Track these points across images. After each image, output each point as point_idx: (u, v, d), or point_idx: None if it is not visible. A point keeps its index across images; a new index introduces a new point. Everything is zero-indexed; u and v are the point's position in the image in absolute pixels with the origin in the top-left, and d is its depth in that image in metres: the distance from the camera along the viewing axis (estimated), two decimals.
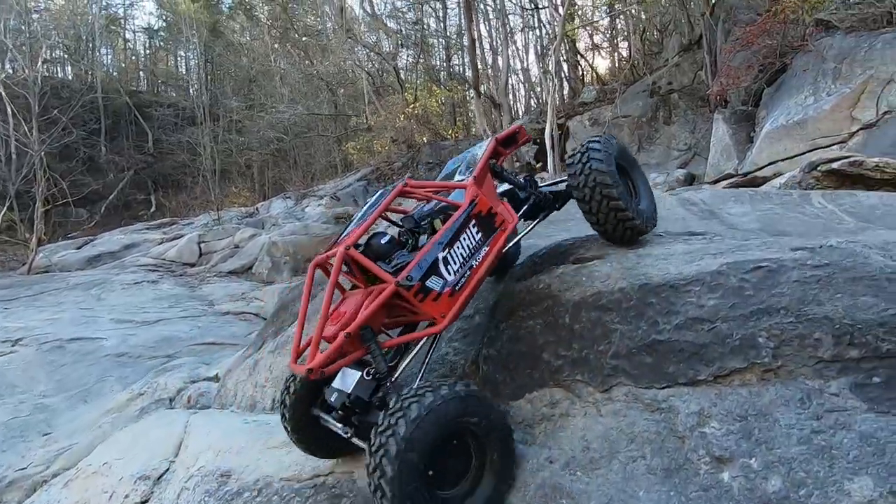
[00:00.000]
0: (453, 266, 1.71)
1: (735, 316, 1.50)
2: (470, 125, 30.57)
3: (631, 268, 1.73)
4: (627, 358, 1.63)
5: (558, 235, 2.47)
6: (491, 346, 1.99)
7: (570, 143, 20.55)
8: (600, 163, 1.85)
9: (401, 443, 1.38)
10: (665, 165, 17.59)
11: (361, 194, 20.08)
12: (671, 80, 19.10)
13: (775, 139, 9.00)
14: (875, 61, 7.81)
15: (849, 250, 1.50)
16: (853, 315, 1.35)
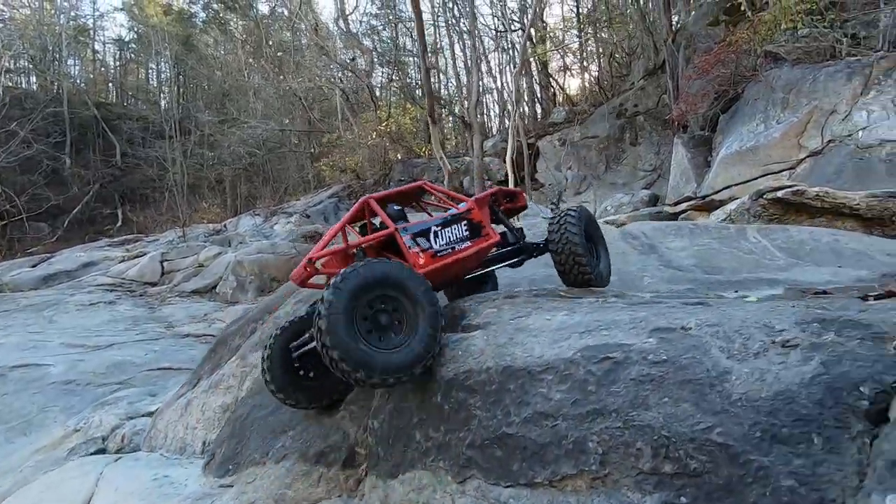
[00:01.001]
0: (440, 240, 2.19)
1: (574, 415, 1.40)
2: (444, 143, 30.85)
3: (503, 345, 1.64)
4: (481, 449, 1.54)
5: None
6: (376, 418, 1.92)
7: (539, 162, 20.92)
8: (573, 230, 2.29)
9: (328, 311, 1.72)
10: (631, 186, 18.04)
11: (332, 212, 19.95)
12: (637, 102, 19.69)
13: (730, 164, 9.33)
14: (819, 92, 8.21)
15: (693, 342, 1.37)
16: (671, 426, 1.26)
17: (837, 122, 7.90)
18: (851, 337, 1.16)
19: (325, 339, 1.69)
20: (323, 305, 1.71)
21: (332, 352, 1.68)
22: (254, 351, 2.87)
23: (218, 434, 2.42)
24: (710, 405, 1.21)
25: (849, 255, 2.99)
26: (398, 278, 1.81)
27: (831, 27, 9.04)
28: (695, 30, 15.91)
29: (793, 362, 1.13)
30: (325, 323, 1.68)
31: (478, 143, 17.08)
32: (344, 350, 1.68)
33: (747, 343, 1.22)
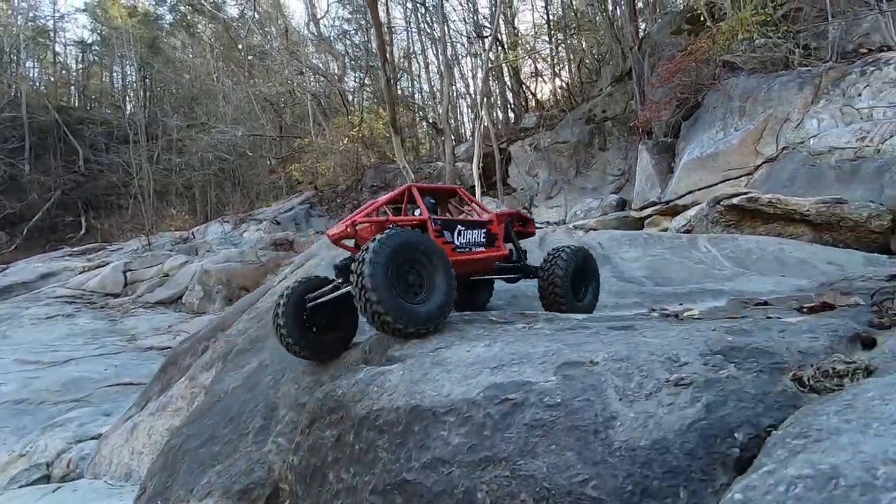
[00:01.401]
0: (461, 238, 2.49)
1: (468, 461, 1.32)
2: (419, 148, 30.91)
3: (416, 381, 1.58)
4: (383, 495, 1.46)
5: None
6: (296, 454, 1.85)
7: (511, 167, 21.10)
8: (561, 266, 2.52)
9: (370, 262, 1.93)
10: (600, 190, 18.34)
11: (304, 218, 19.72)
12: (605, 108, 20.05)
13: (692, 170, 9.58)
14: (773, 101, 8.51)
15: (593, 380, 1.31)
16: (552, 477, 1.18)
17: (791, 129, 8.19)
18: (750, 370, 1.18)
19: (367, 288, 1.86)
20: (367, 259, 1.89)
21: (372, 299, 1.86)
22: (205, 370, 2.80)
23: (150, 465, 2.34)
24: (592, 454, 1.15)
25: (792, 264, 3.09)
26: (427, 245, 2.09)
27: (785, 38, 9.40)
28: (659, 38, 16.32)
29: (680, 404, 1.12)
30: (368, 274, 1.87)
31: (449, 149, 17.14)
32: (383, 299, 1.87)
33: (644, 382, 1.21)
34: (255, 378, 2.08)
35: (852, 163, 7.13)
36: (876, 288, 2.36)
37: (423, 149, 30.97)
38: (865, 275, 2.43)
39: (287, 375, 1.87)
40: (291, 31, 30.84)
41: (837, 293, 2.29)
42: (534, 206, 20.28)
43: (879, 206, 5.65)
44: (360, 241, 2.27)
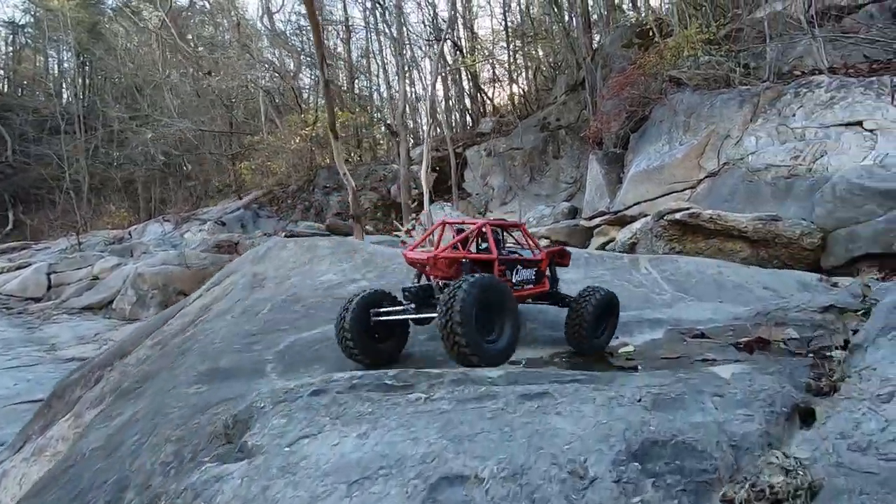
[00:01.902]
0: (518, 276, 2.61)
1: None
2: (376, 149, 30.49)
3: (252, 499, 1.22)
4: None
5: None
6: None
7: (467, 171, 21.08)
8: (591, 305, 2.50)
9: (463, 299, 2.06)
10: (554, 197, 18.57)
11: (251, 219, 18.95)
12: (559, 116, 20.34)
13: (639, 182, 9.77)
14: (715, 117, 8.79)
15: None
16: None
17: (731, 146, 8.47)
18: (671, 488, 1.01)
19: (455, 322, 2.01)
20: (459, 298, 2.04)
21: (458, 332, 2.01)
22: (92, 407, 2.45)
23: None
24: None
25: (730, 289, 3.07)
26: (506, 293, 2.26)
27: (727, 57, 9.74)
28: (611, 50, 16.69)
29: None
30: (458, 310, 2.02)
31: (405, 151, 16.91)
32: (468, 335, 2.02)
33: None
34: (119, 437, 1.77)
35: (787, 180, 7.42)
36: (809, 320, 2.33)
37: (381, 149, 30.59)
38: (800, 304, 2.41)
39: (151, 439, 1.59)
40: (244, 24, 29.72)
41: (772, 325, 2.24)
42: (488, 212, 20.33)
43: (811, 224, 5.86)
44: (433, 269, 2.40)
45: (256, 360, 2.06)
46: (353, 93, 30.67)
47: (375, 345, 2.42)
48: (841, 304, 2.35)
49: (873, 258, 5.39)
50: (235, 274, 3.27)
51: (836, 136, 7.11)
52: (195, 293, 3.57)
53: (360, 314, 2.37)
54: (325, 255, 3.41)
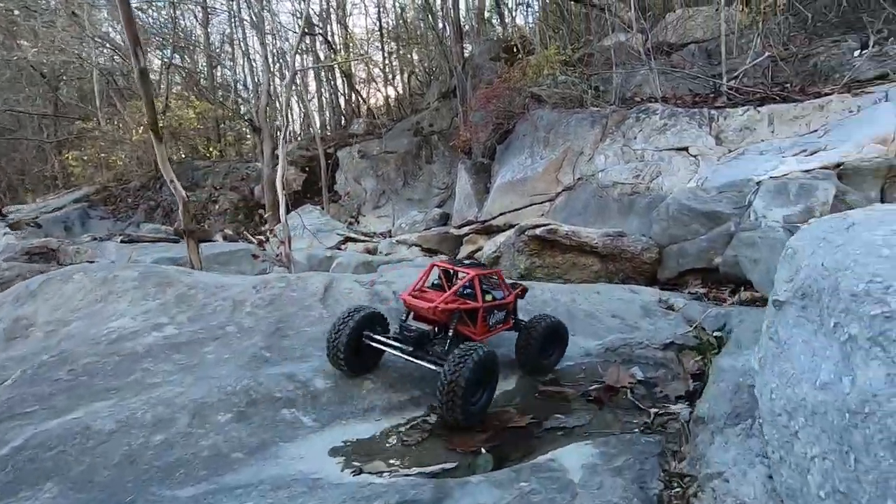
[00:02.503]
0: (492, 319, 2.82)
1: None
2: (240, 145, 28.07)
3: None
4: None
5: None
6: None
7: (338, 173, 20.29)
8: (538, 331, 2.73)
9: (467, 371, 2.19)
10: (426, 202, 18.65)
11: (78, 220, 16.13)
12: (432, 122, 20.50)
13: (504, 193, 10.06)
14: (571, 135, 9.36)
15: None
16: None
17: (584, 162, 9.06)
18: None
19: (458, 386, 2.08)
20: (465, 370, 2.14)
21: (457, 393, 2.06)
22: None
23: None
24: None
25: (581, 319, 3.06)
26: (496, 365, 2.34)
27: (580, 79, 10.46)
28: (480, 62, 17.19)
29: None
30: (465, 378, 2.11)
31: (268, 150, 15.64)
32: (462, 400, 2.06)
33: None
34: None
35: (630, 197, 8.11)
36: (652, 358, 2.34)
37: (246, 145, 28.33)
38: (643, 340, 2.42)
39: None
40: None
41: (619, 367, 2.19)
42: (361, 216, 19.80)
43: (649, 240, 6.36)
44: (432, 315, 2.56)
45: None
46: (214, 82, 27.97)
47: (360, 360, 2.53)
48: (679, 341, 2.40)
49: (697, 272, 5.99)
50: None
51: (668, 158, 7.93)
52: None
53: (354, 337, 2.48)
54: (127, 289, 2.71)
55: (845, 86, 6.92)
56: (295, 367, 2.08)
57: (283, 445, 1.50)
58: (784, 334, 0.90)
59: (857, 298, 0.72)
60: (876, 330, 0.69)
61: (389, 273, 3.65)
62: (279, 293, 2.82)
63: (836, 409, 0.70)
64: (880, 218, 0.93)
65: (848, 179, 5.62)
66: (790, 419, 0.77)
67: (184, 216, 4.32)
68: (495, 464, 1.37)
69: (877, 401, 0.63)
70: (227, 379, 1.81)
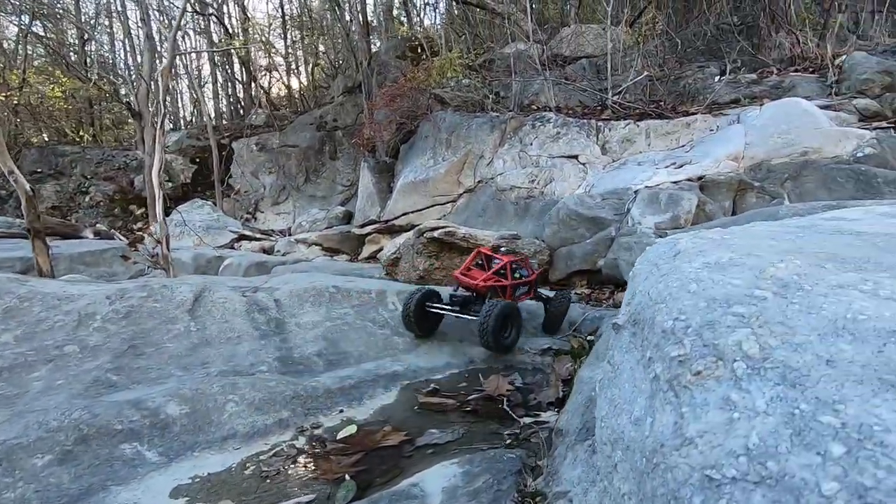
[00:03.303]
0: (518, 292, 3.62)
1: None
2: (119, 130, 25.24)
3: None
4: None
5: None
6: None
7: (234, 166, 19.02)
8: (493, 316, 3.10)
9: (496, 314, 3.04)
10: (330, 199, 18.10)
11: None
12: (336, 117, 19.92)
13: (407, 193, 10.03)
14: (472, 138, 9.56)
15: None
16: None
17: (484, 166, 9.30)
18: None
19: (489, 325, 2.91)
20: (494, 314, 2.98)
21: (489, 331, 2.90)
22: None
23: None
24: None
25: (467, 323, 3.08)
26: (516, 311, 3.18)
27: (482, 84, 10.72)
28: (386, 59, 17.01)
29: None
30: (494, 319, 2.94)
31: (150, 137, 14.16)
32: (494, 334, 2.91)
33: None
34: None
35: (526, 200, 8.46)
36: (531, 364, 2.41)
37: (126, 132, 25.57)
38: (525, 345, 2.49)
39: None
40: None
41: (499, 376, 2.22)
42: (259, 212, 18.73)
43: (542, 242, 6.67)
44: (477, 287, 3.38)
45: None
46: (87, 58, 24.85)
47: (426, 324, 3.31)
48: (556, 346, 2.49)
49: (584, 273, 6.38)
50: None
51: (560, 165, 8.38)
52: None
53: (419, 306, 3.28)
54: None
55: (707, 107, 7.77)
56: (146, 391, 1.84)
57: (114, 489, 1.30)
58: (618, 359, 0.94)
59: (665, 335, 0.76)
60: (672, 373, 0.72)
61: (276, 278, 3.42)
62: (139, 304, 2.51)
63: (640, 450, 0.73)
64: (700, 248, 0.99)
65: (708, 191, 6.31)
66: (612, 450, 0.80)
67: (28, 212, 3.70)
68: (357, 492, 1.31)
69: (662, 452, 0.66)
70: (52, 412, 1.55)
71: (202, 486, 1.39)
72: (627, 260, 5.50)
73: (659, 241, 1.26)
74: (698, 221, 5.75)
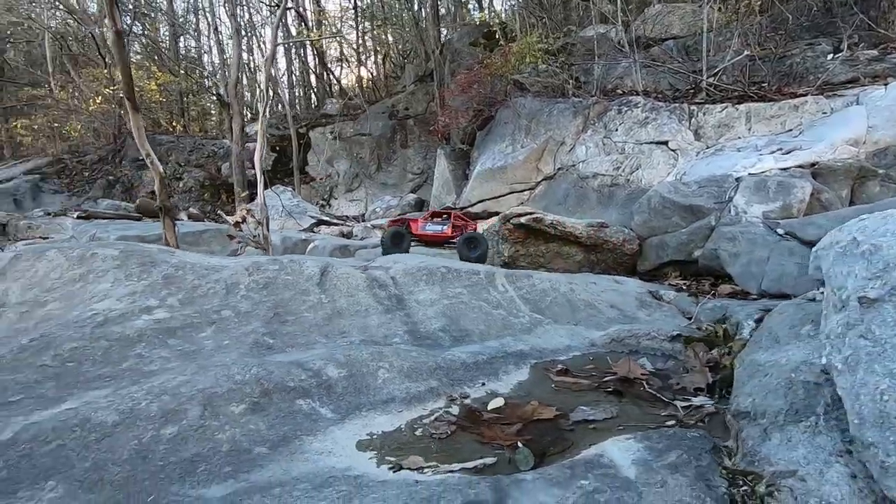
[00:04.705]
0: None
1: None
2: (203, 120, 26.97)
3: None
4: None
5: None
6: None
7: (311, 154, 19.79)
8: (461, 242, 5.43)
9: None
10: (401, 187, 18.43)
11: (30, 194, 15.20)
12: (408, 105, 20.18)
13: (484, 180, 10.01)
14: (553, 125, 9.37)
15: None
16: None
17: (565, 152, 9.10)
18: None
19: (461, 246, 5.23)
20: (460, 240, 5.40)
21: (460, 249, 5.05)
22: None
23: None
24: None
25: (582, 309, 3.04)
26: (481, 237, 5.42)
27: (562, 68, 10.44)
28: (459, 46, 16.98)
29: None
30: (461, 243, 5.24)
31: (237, 127, 15.02)
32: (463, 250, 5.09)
33: None
34: None
35: (610, 188, 8.20)
36: (659, 350, 2.35)
37: (211, 121, 27.29)
38: (650, 331, 2.43)
39: None
40: None
41: (629, 359, 2.17)
42: (333, 199, 19.41)
43: (630, 231, 6.44)
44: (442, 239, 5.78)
45: None
46: (178, 53, 26.71)
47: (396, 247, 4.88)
48: (686, 333, 2.41)
49: (676, 264, 6.10)
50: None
51: (648, 151, 8.04)
52: None
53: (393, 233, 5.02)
54: (108, 269, 2.50)
55: (819, 87, 7.15)
56: (302, 354, 1.97)
57: (306, 439, 1.40)
58: (883, 332, 0.88)
59: None
60: None
61: (383, 258, 3.55)
62: (273, 277, 2.69)
63: None
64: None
65: (822, 179, 5.82)
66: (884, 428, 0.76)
67: (160, 192, 4.06)
68: (535, 459, 1.33)
69: None
70: (232, 367, 1.69)
71: (382, 442, 1.47)
72: (730, 251, 5.20)
73: (867, 218, 1.17)
74: (812, 211, 5.32)
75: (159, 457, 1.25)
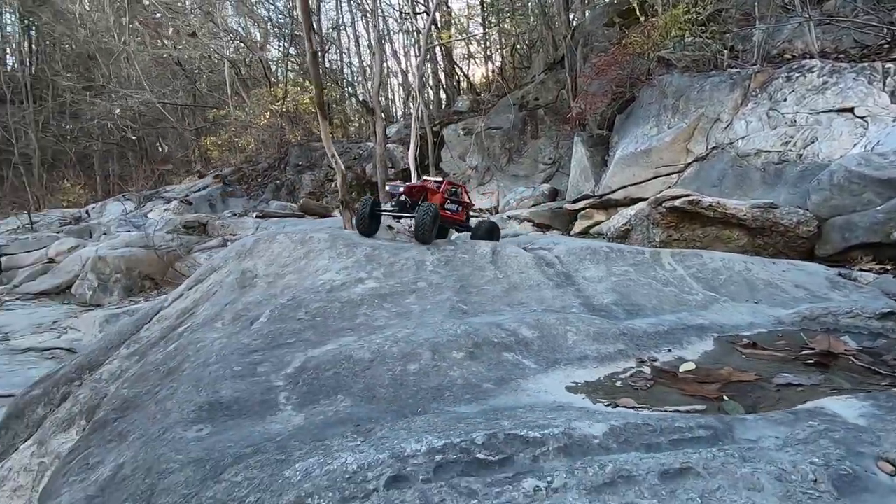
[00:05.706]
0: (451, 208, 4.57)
1: None
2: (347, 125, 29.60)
3: None
4: None
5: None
6: None
7: (444, 150, 20.66)
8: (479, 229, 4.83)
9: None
10: (532, 178, 18.39)
11: (218, 198, 18.10)
12: (538, 95, 20.01)
13: (625, 165, 9.62)
14: (705, 101, 8.66)
15: None
16: None
17: (720, 130, 8.38)
18: None
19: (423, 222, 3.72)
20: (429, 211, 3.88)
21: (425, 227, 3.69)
22: (60, 430, 2.06)
23: None
24: None
25: (762, 288, 2.90)
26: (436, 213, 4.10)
27: (713, 38, 9.58)
28: (592, 29, 16.39)
29: None
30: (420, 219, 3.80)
31: (380, 130, 16.31)
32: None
33: None
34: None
35: (777, 166, 7.38)
36: (865, 328, 2.18)
37: (353, 126, 29.84)
38: (850, 309, 2.26)
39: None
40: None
41: (829, 335, 2.06)
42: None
43: (806, 211, 5.79)
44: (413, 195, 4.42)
45: (265, 389, 1.69)
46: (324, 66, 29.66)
47: (372, 226, 4.10)
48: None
49: (869, 247, 5.36)
50: (219, 271, 2.86)
51: (827, 122, 7.07)
52: (174, 292, 3.16)
53: (370, 209, 4.08)
54: (322, 249, 3.05)
55: None
56: (494, 318, 2.23)
57: (521, 382, 1.64)
58: None
59: None
60: None
61: (543, 240, 3.74)
62: (452, 255, 3.03)
63: None
64: None
65: None
66: None
67: (342, 188, 4.74)
68: (745, 411, 1.39)
69: None
70: (444, 324, 2.00)
71: (588, 388, 1.65)
72: None
73: None
74: None
75: (412, 384, 1.57)
